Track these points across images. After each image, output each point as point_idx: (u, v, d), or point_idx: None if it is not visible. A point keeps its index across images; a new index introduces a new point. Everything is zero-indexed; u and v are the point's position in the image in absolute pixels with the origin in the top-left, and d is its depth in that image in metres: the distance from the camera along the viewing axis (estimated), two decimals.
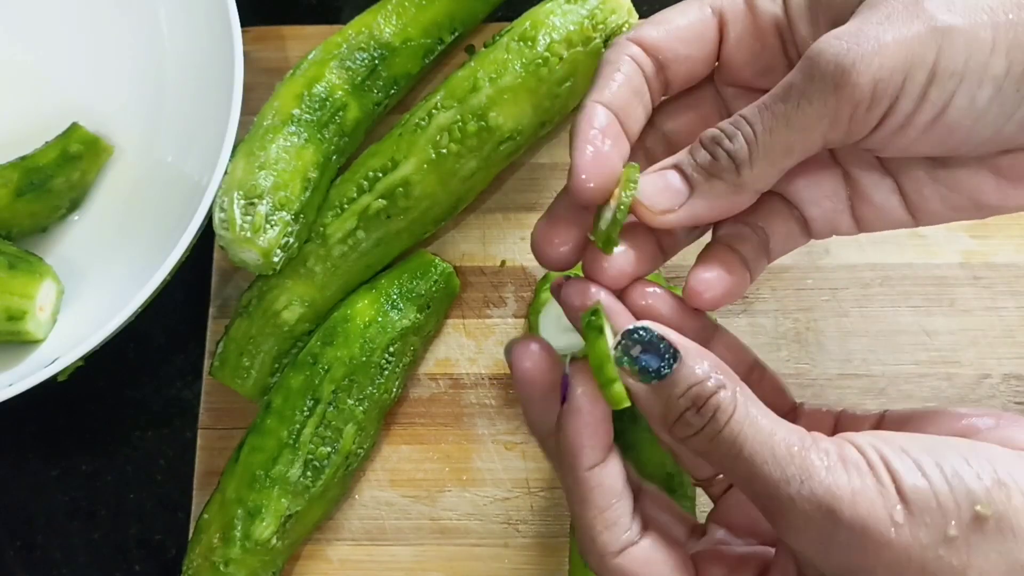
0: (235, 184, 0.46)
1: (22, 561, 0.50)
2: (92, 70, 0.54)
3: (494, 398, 0.50)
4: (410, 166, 0.48)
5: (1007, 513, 0.26)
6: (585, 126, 0.32)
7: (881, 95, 0.29)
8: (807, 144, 0.30)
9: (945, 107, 0.29)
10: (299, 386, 0.46)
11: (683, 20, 0.34)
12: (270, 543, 0.45)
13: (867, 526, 0.26)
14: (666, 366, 0.29)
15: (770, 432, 0.28)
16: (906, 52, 0.29)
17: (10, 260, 0.47)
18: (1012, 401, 0.48)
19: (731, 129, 0.31)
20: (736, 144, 0.30)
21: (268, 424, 0.46)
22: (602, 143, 0.32)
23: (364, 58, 0.50)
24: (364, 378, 0.47)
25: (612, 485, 0.31)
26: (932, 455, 0.27)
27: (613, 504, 0.31)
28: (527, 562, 0.47)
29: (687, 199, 0.31)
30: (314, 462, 0.45)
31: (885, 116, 0.30)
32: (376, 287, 0.49)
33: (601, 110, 0.33)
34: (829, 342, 0.49)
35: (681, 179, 0.31)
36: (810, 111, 0.29)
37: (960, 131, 0.30)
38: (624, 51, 0.34)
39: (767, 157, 0.30)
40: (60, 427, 0.52)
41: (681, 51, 0.34)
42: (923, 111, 0.30)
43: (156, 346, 0.53)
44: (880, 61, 0.28)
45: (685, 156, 0.32)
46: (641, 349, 0.29)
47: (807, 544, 0.27)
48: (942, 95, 0.29)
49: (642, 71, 0.34)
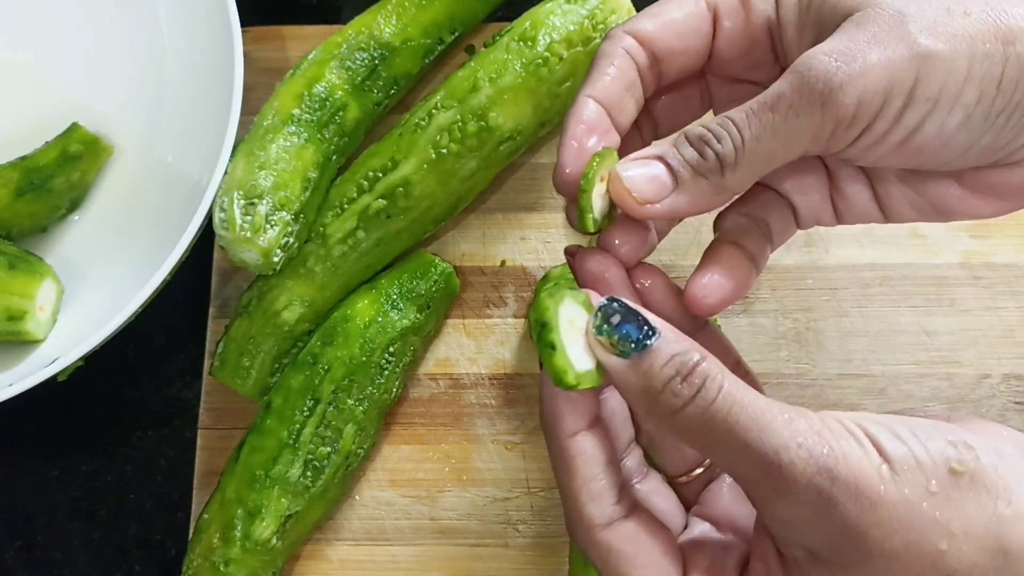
0: (235, 184, 0.46)
1: (22, 561, 0.50)
2: (92, 70, 0.54)
3: (494, 398, 0.50)
4: (410, 166, 0.48)
5: (977, 470, 0.27)
6: (574, 121, 0.33)
7: (862, 115, 0.30)
8: (788, 154, 0.31)
9: (916, 130, 0.31)
10: (299, 386, 0.46)
11: (678, 13, 0.34)
12: (270, 543, 0.45)
13: (860, 484, 0.27)
14: (646, 336, 0.28)
15: (763, 404, 0.28)
16: (889, 75, 0.29)
17: (10, 260, 0.47)
18: (1012, 401, 0.48)
19: (720, 131, 0.31)
20: (724, 147, 0.31)
21: (268, 424, 0.46)
22: (588, 138, 0.33)
23: (364, 58, 0.50)
24: (364, 378, 0.47)
25: (595, 455, 0.31)
26: (905, 425, 0.28)
27: (598, 475, 0.31)
28: (527, 562, 0.47)
29: (670, 192, 0.32)
30: (314, 462, 0.46)
31: (861, 134, 0.31)
32: (376, 287, 0.49)
33: (592, 104, 0.33)
34: (829, 342, 0.49)
35: (666, 172, 0.32)
36: (796, 124, 0.30)
37: (928, 151, 0.31)
38: (619, 43, 0.34)
39: (751, 163, 0.31)
40: (60, 427, 0.52)
41: (676, 44, 0.34)
42: (895, 132, 0.31)
43: (156, 346, 0.53)
44: (865, 83, 0.29)
45: (671, 149, 0.32)
46: (620, 318, 0.29)
47: (801, 511, 0.28)
48: (915, 119, 0.30)
49: (636, 64, 0.34)
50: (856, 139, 0.31)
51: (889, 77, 0.29)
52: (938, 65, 0.29)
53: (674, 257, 0.50)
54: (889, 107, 0.30)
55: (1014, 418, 0.48)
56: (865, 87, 0.29)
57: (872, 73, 0.29)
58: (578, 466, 0.31)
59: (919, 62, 0.29)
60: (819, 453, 0.27)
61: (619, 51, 0.34)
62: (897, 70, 0.29)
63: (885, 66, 0.29)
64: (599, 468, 0.31)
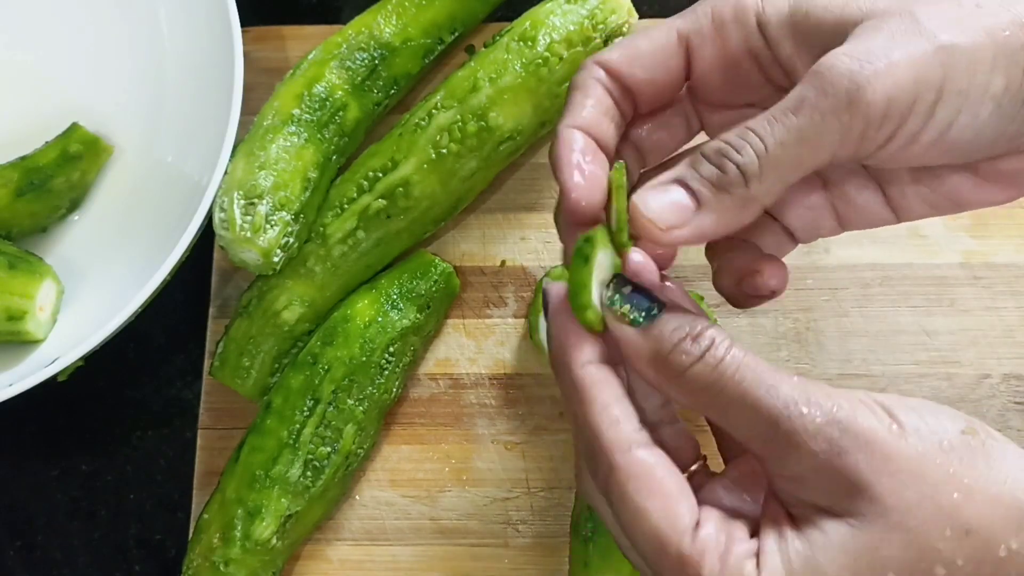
0: (235, 184, 0.46)
1: (22, 561, 0.50)
2: (92, 70, 0.54)
3: (494, 398, 0.50)
4: (410, 166, 0.48)
5: (989, 434, 0.28)
6: (565, 151, 0.33)
7: (892, 114, 0.29)
8: (816, 158, 0.30)
9: (950, 125, 0.30)
10: (299, 386, 0.46)
11: (646, 46, 0.34)
12: (270, 543, 0.45)
13: (870, 437, 0.27)
14: (656, 308, 0.30)
15: (770, 367, 0.28)
16: (915, 71, 0.29)
17: (10, 260, 0.47)
18: (1012, 401, 0.48)
19: (739, 141, 0.30)
20: (746, 156, 0.30)
21: (268, 424, 0.46)
22: (585, 164, 0.33)
23: (364, 58, 0.50)
24: (364, 378, 0.47)
25: (611, 382, 0.30)
26: (914, 401, 0.29)
27: (617, 400, 0.30)
28: (527, 562, 0.47)
29: (693, 214, 0.31)
30: (314, 462, 0.45)
31: (894, 134, 0.30)
32: (376, 287, 0.49)
33: (577, 134, 0.33)
34: (829, 342, 0.49)
35: (686, 194, 0.31)
36: (823, 126, 0.29)
37: (960, 145, 0.31)
38: (591, 75, 0.34)
39: (777, 170, 0.30)
40: (60, 427, 0.52)
41: (643, 76, 0.34)
42: (929, 129, 0.30)
43: (156, 346, 0.53)
44: (893, 80, 0.29)
45: (688, 170, 0.31)
46: (632, 289, 0.30)
47: (811, 463, 0.28)
48: (948, 113, 0.30)
49: (610, 94, 0.34)
50: (889, 140, 0.30)
51: (916, 73, 0.29)
52: (962, 57, 0.29)
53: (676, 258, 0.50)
54: (921, 103, 0.29)
55: (1014, 418, 0.48)
56: (894, 83, 0.29)
57: (898, 70, 0.29)
58: (595, 394, 0.30)
59: (943, 56, 0.29)
60: (828, 408, 0.27)
61: (591, 82, 0.34)
62: (922, 66, 0.29)
63: (910, 63, 0.29)
64: (617, 394, 0.30)
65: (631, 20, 0.50)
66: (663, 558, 0.29)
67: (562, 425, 0.49)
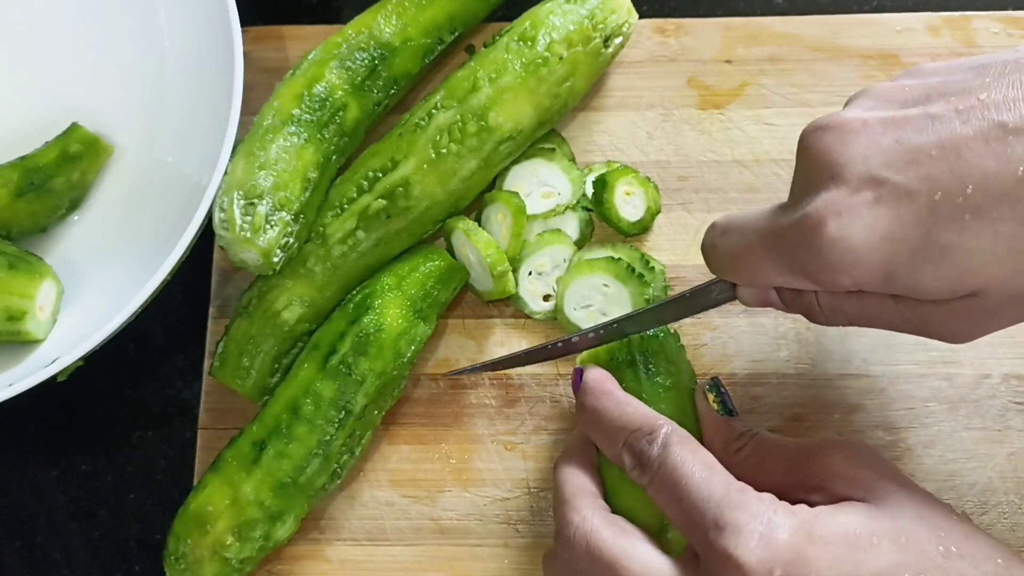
0: (235, 184, 0.46)
1: (22, 561, 0.50)
2: (92, 70, 0.54)
3: (494, 398, 0.50)
4: (410, 166, 0.48)
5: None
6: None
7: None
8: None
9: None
10: (332, 396, 0.45)
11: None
12: (269, 546, 0.45)
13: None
14: (735, 411, 0.43)
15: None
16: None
17: (10, 260, 0.47)
18: (1012, 401, 0.48)
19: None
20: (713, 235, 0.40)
21: (297, 431, 0.45)
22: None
23: (364, 58, 0.50)
24: (389, 388, 0.47)
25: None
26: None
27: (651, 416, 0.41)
28: (527, 562, 0.47)
29: None
30: (337, 469, 0.46)
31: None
32: (401, 289, 0.48)
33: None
34: (829, 342, 0.49)
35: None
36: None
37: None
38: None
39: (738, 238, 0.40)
40: (60, 427, 0.52)
41: None
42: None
43: (156, 346, 0.53)
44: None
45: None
46: (725, 394, 0.43)
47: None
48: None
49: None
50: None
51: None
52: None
53: (674, 257, 0.50)
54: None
55: (1014, 418, 0.48)
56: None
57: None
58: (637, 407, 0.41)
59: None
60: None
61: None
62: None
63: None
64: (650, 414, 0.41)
65: (631, 20, 0.50)
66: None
67: (562, 425, 0.49)
